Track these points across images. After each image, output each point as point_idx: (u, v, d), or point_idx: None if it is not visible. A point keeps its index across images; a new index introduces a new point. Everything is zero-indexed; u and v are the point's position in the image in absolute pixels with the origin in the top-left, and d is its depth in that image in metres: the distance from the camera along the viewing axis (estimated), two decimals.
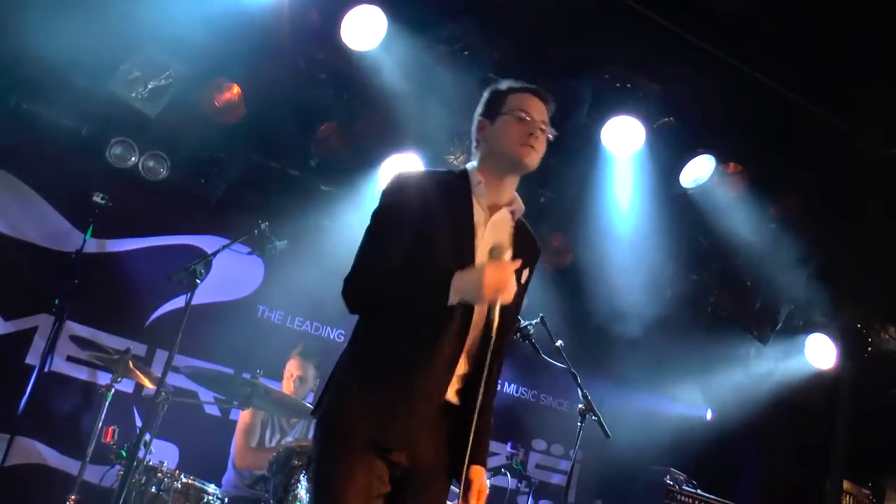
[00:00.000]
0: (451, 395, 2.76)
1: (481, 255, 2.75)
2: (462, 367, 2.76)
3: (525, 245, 2.92)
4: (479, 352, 2.77)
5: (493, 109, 2.90)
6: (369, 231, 2.80)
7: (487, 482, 2.89)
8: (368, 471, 2.62)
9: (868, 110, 5.56)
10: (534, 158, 2.82)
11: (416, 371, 2.67)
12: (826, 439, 7.92)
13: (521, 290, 2.88)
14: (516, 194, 2.92)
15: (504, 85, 2.95)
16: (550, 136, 2.89)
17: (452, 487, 2.91)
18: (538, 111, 2.87)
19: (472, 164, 2.94)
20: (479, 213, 2.81)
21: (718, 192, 6.23)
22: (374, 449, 2.64)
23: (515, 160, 2.81)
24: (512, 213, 2.89)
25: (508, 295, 2.64)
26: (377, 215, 2.81)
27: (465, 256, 2.72)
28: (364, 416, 2.63)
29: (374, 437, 2.63)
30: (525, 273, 2.89)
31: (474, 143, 2.98)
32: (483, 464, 2.86)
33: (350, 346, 2.80)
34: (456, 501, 2.89)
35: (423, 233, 2.71)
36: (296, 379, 5.85)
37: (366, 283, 2.70)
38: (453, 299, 2.60)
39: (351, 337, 2.82)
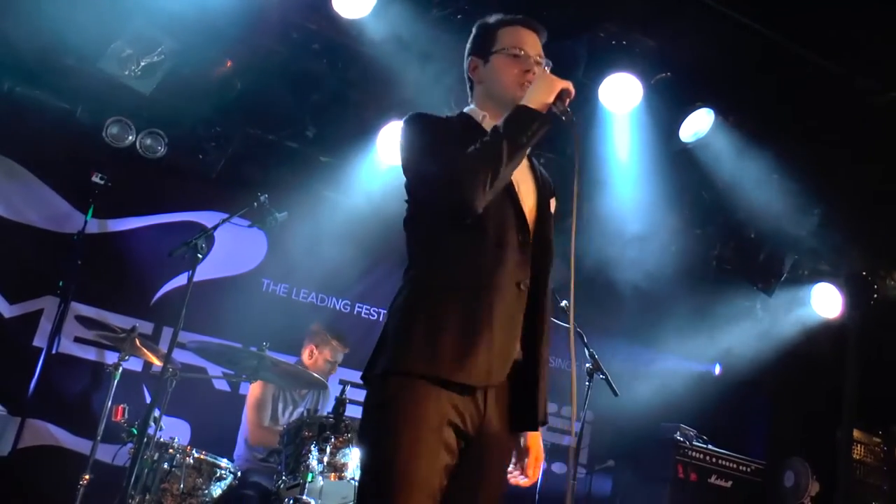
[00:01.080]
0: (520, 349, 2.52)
1: (518, 192, 2.62)
2: (528, 312, 2.54)
3: (543, 178, 2.81)
4: (534, 289, 2.57)
5: (485, 47, 2.77)
6: (418, 145, 2.61)
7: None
8: (439, 439, 2.31)
9: (865, 56, 5.50)
10: None
11: (488, 297, 2.42)
12: (835, 389, 7.93)
13: (552, 220, 2.76)
14: None
15: (493, 18, 2.81)
16: (546, 69, 2.73)
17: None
18: (531, 44, 2.75)
19: (469, 107, 2.81)
20: None
21: (719, 145, 6.19)
22: (448, 401, 2.34)
23: (516, 101, 2.59)
24: None
25: (572, 88, 2.57)
26: (420, 134, 2.63)
27: (509, 190, 2.58)
28: (436, 359, 2.33)
29: (451, 378, 2.32)
30: (553, 202, 2.78)
31: (468, 84, 2.85)
32: (540, 424, 2.60)
33: (405, 291, 2.52)
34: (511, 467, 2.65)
35: None
36: (328, 363, 5.89)
37: (466, 161, 2.45)
38: (537, 104, 2.51)
39: (402, 287, 2.55)
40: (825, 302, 7.52)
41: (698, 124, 6.05)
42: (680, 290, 7.40)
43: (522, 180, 2.67)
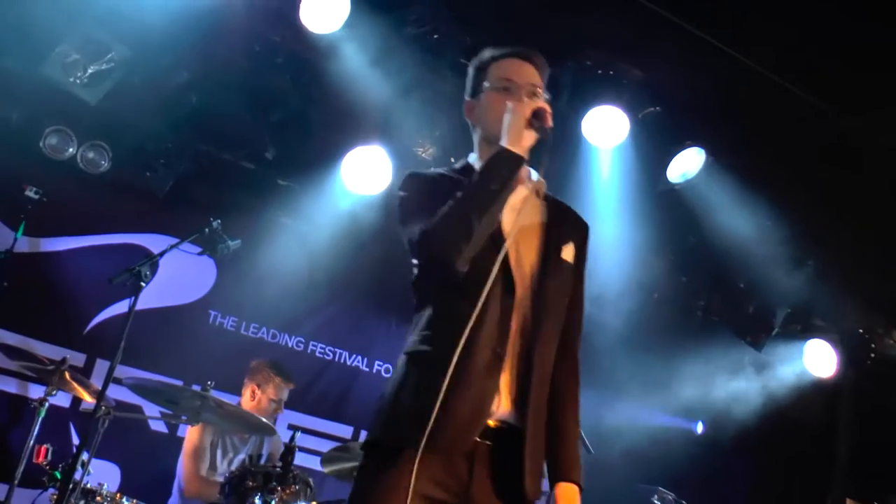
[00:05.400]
0: (506, 407, 2.57)
1: (511, 241, 2.63)
2: (514, 371, 2.59)
3: (563, 219, 2.82)
4: (533, 350, 2.62)
5: (477, 85, 2.84)
6: (408, 210, 2.70)
7: None
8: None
9: (870, 103, 5.64)
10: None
11: (459, 370, 2.47)
12: (826, 454, 8.02)
13: (572, 270, 2.77)
14: (530, 169, 2.80)
15: (486, 54, 2.86)
16: (543, 100, 2.74)
17: None
18: (524, 74, 2.78)
19: (472, 155, 2.88)
20: None
21: (709, 188, 6.30)
22: (421, 470, 2.45)
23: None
24: (536, 191, 2.75)
25: (545, 105, 2.62)
26: (407, 198, 2.73)
27: (496, 241, 2.60)
28: (403, 429, 2.49)
29: (410, 444, 2.45)
30: (570, 248, 2.76)
31: (471, 129, 2.90)
32: (573, 481, 2.71)
33: (397, 364, 2.69)
34: None
35: None
36: (273, 402, 5.86)
37: (437, 220, 2.53)
38: (511, 143, 2.56)
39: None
40: (819, 360, 7.63)
41: (687, 164, 6.17)
42: (661, 340, 7.48)
43: (526, 231, 2.70)
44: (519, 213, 2.64)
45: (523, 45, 2.89)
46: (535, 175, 2.81)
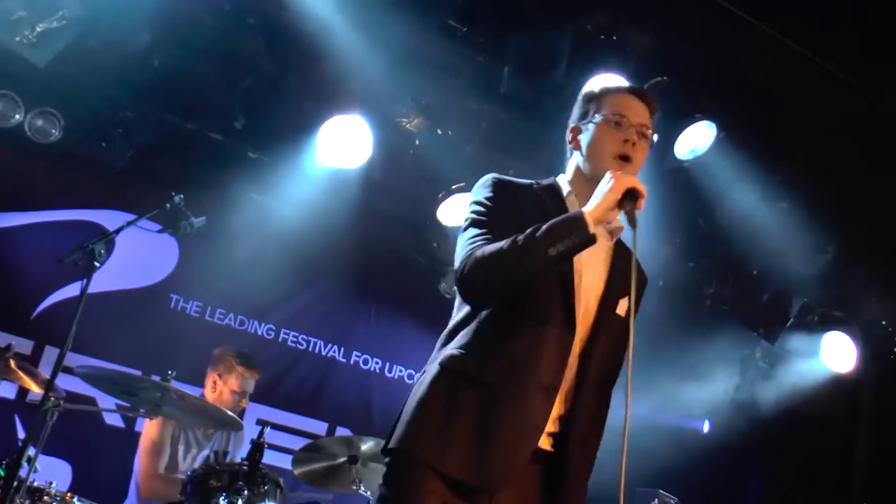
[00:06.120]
0: (544, 441, 2.81)
1: (578, 279, 2.85)
2: (558, 406, 2.82)
3: (626, 270, 2.93)
4: (576, 391, 2.85)
5: (585, 115, 3.06)
6: (471, 220, 2.91)
7: None
8: None
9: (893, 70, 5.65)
10: (629, 172, 2.86)
11: (509, 398, 2.72)
12: (844, 455, 8.06)
13: (624, 324, 2.91)
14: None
15: (598, 86, 3.10)
16: (651, 142, 3.00)
17: None
18: (637, 113, 3.00)
19: (560, 175, 3.12)
20: None
21: (720, 165, 6.30)
22: (449, 494, 2.68)
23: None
24: (610, 232, 2.96)
25: (642, 188, 2.75)
26: (479, 205, 2.94)
27: (563, 274, 2.82)
28: (443, 450, 2.69)
29: (453, 475, 2.67)
30: (624, 303, 2.95)
31: (567, 153, 3.14)
32: None
33: (432, 369, 2.83)
34: None
35: None
36: (235, 394, 5.85)
37: (485, 255, 2.72)
38: (593, 213, 2.69)
39: (433, 357, 2.88)
40: (837, 353, 7.66)
41: (697, 139, 6.17)
42: (665, 331, 7.48)
43: (591, 271, 2.91)
44: (589, 252, 2.82)
45: (519, 7, 2.93)
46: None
